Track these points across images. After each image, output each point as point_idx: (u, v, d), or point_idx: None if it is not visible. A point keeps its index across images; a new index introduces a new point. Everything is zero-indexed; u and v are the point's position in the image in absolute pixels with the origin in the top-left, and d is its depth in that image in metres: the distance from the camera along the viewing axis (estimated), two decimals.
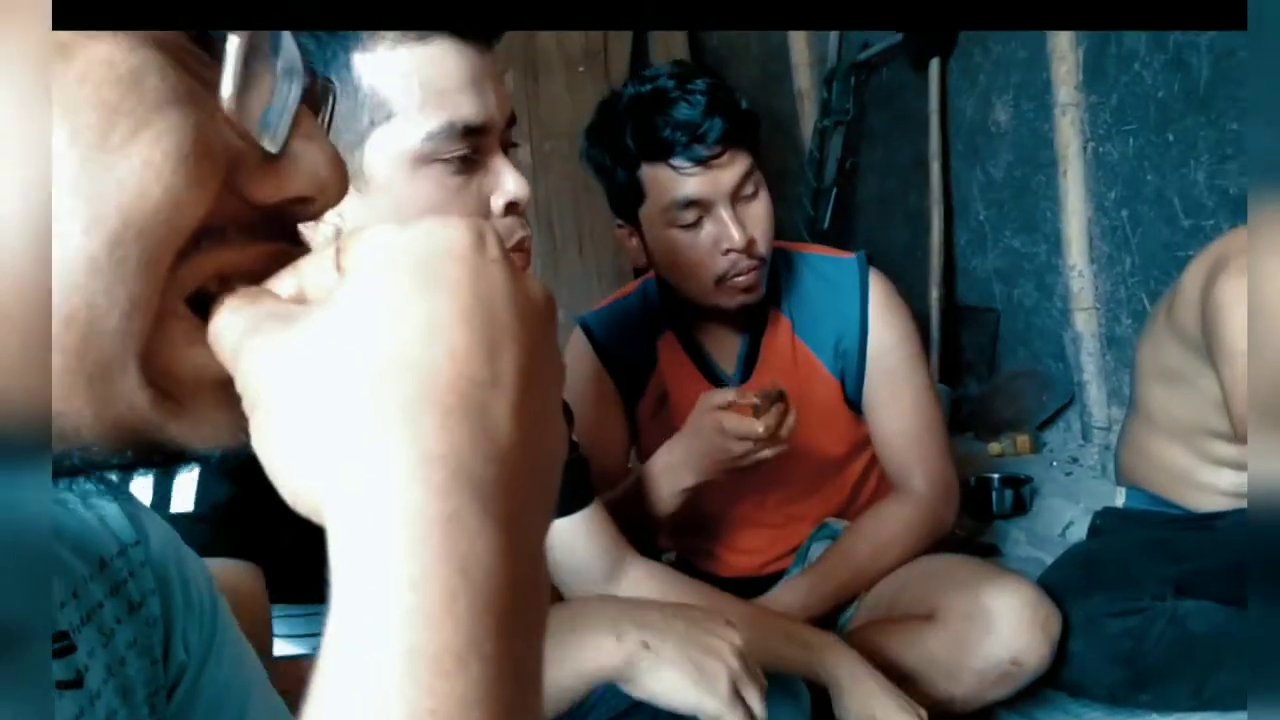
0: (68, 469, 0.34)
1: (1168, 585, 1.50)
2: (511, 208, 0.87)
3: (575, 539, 1.17)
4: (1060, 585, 1.45)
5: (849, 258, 1.59)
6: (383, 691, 0.26)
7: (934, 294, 3.15)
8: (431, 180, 0.84)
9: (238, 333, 0.32)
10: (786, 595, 1.48)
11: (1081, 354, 2.81)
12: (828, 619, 1.50)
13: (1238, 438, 1.37)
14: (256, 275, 0.35)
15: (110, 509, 0.49)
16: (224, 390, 0.34)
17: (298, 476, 0.30)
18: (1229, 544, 1.54)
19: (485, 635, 0.27)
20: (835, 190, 3.31)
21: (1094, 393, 2.79)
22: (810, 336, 1.56)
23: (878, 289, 1.55)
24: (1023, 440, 2.78)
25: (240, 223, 0.34)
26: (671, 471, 1.40)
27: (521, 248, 0.88)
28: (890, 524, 1.53)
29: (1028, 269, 3.05)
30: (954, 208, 3.23)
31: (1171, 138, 2.54)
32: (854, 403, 1.58)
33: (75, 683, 0.43)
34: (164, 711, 0.50)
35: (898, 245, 3.42)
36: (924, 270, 3.17)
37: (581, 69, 3.43)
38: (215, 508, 0.79)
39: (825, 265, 1.59)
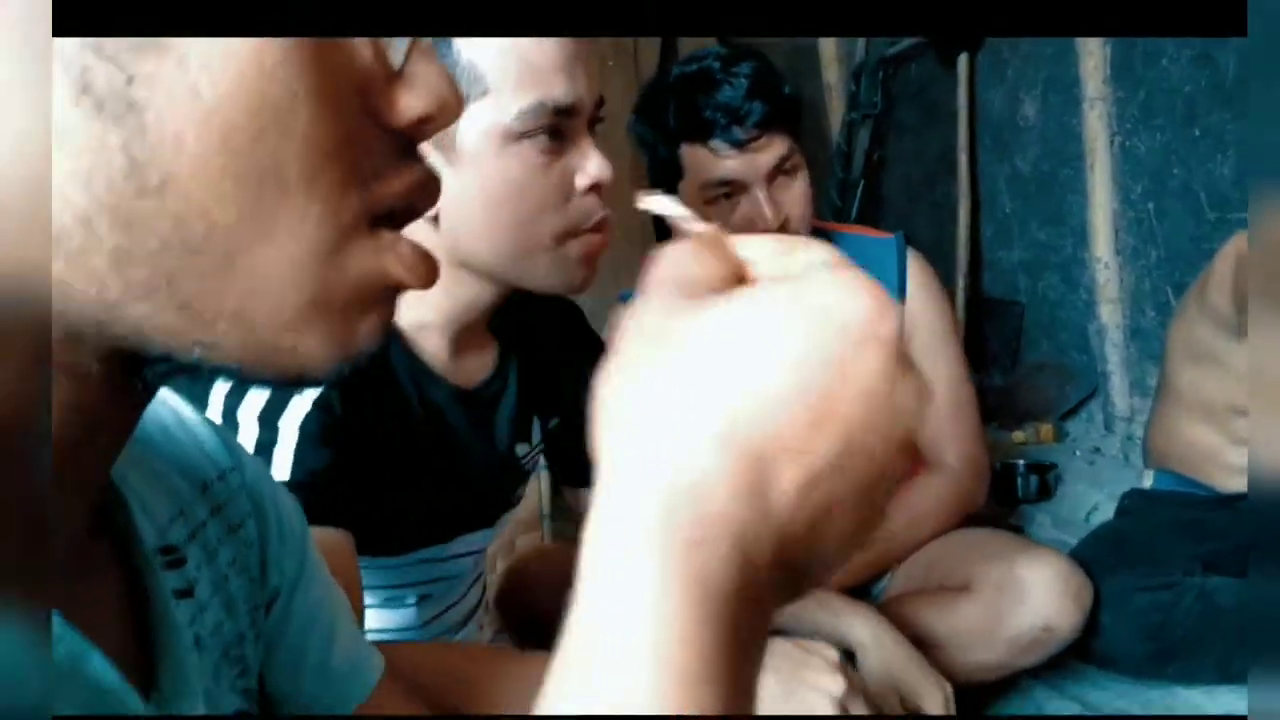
0: (188, 367, 0.35)
1: (1196, 562, 1.54)
2: (594, 189, 0.90)
3: None
4: (1090, 560, 1.50)
5: (888, 237, 1.63)
6: (628, 693, 0.27)
7: (960, 285, 3.19)
8: (518, 158, 0.86)
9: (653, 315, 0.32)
10: None
11: (1106, 345, 2.84)
12: (861, 590, 1.55)
13: None
14: (417, 199, 0.37)
15: (207, 434, 0.53)
16: (379, 306, 0.37)
17: (614, 429, 0.32)
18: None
19: (725, 658, 0.28)
20: (863, 183, 3.35)
21: (1117, 383, 2.82)
22: None
23: (915, 269, 1.60)
24: (1046, 429, 2.82)
25: (384, 150, 0.36)
26: None
27: (600, 228, 0.91)
28: (924, 498, 1.57)
29: (1053, 261, 3.08)
30: (980, 200, 3.26)
31: (1198, 132, 2.57)
32: None
33: (187, 592, 0.47)
34: (262, 625, 0.54)
35: (924, 237, 3.45)
36: (950, 262, 3.21)
37: (610, 63, 3.48)
38: (312, 474, 0.83)
39: (865, 244, 1.63)
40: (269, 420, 0.84)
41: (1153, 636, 1.48)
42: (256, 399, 0.84)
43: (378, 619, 0.99)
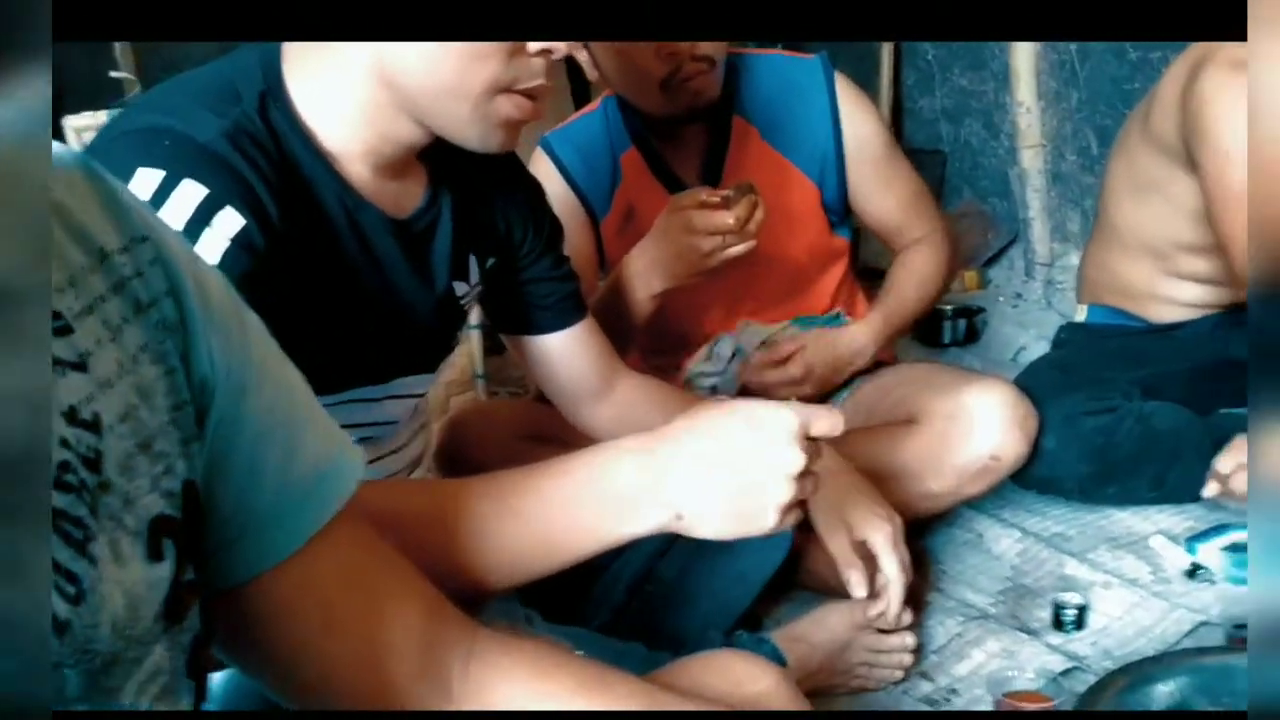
0: None
1: (1135, 387, 1.57)
2: (544, 54, 0.85)
3: (571, 352, 1.17)
4: (1035, 388, 1.50)
5: (811, 58, 1.57)
6: None
7: None
8: None
9: None
10: (855, 340, 1.55)
11: (1027, 191, 2.84)
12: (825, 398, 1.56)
13: (1215, 229, 1.40)
14: None
15: (113, 201, 0.46)
16: None
17: None
18: (1189, 350, 1.61)
19: None
20: None
21: (1038, 229, 2.84)
22: (780, 141, 1.55)
23: (844, 87, 1.57)
24: (970, 277, 2.84)
25: None
26: (641, 277, 1.39)
27: (535, 95, 0.87)
28: (923, 261, 1.62)
29: (975, 108, 3.05)
30: (901, 47, 3.20)
31: None
32: (830, 208, 1.59)
33: (78, 365, 0.42)
34: (192, 431, 0.48)
35: None
36: None
37: None
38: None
39: (788, 67, 1.58)
40: None
41: (1096, 458, 1.51)
42: None
43: None
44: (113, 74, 2.31)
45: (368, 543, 0.60)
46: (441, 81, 0.83)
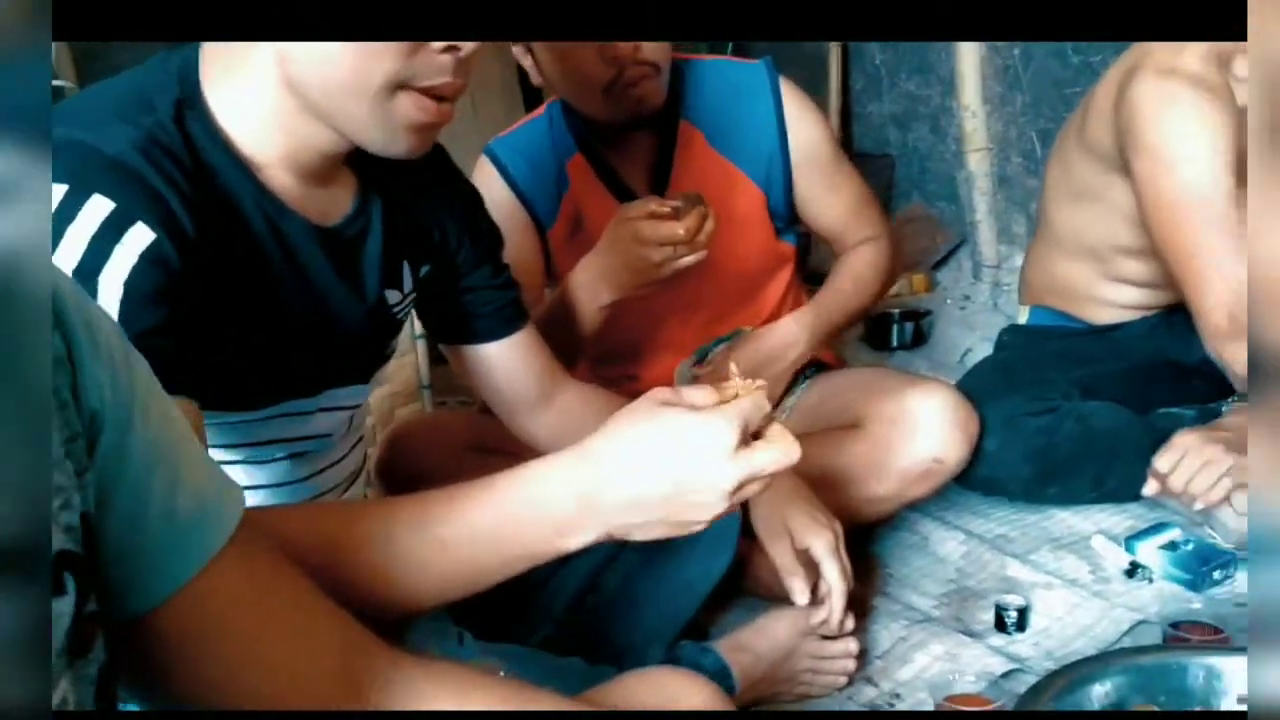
0: None
1: (1074, 387, 1.58)
2: (451, 51, 0.81)
3: (511, 361, 1.16)
4: (977, 390, 1.52)
5: (755, 63, 1.58)
6: None
7: None
8: None
9: None
10: (784, 333, 1.55)
11: (974, 194, 2.87)
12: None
13: (1150, 233, 1.42)
14: None
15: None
16: None
17: None
18: (1127, 351, 1.63)
19: None
20: None
21: (985, 232, 2.87)
22: (726, 146, 1.55)
23: (789, 91, 1.57)
24: (919, 279, 2.86)
25: None
26: (589, 288, 1.38)
27: (441, 95, 0.83)
28: (864, 262, 1.62)
29: (922, 112, 3.08)
30: (849, 51, 3.22)
31: None
32: (776, 213, 1.59)
33: None
34: (85, 462, 0.48)
35: None
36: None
37: None
38: (143, 336, 0.73)
39: (731, 71, 1.58)
40: (87, 274, 0.74)
41: (1037, 458, 1.52)
42: (70, 249, 0.73)
43: (246, 476, 0.92)
44: (54, 82, 2.26)
45: (270, 570, 0.59)
46: (338, 80, 0.81)
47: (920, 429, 1.38)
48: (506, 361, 1.16)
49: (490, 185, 1.60)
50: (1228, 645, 1.14)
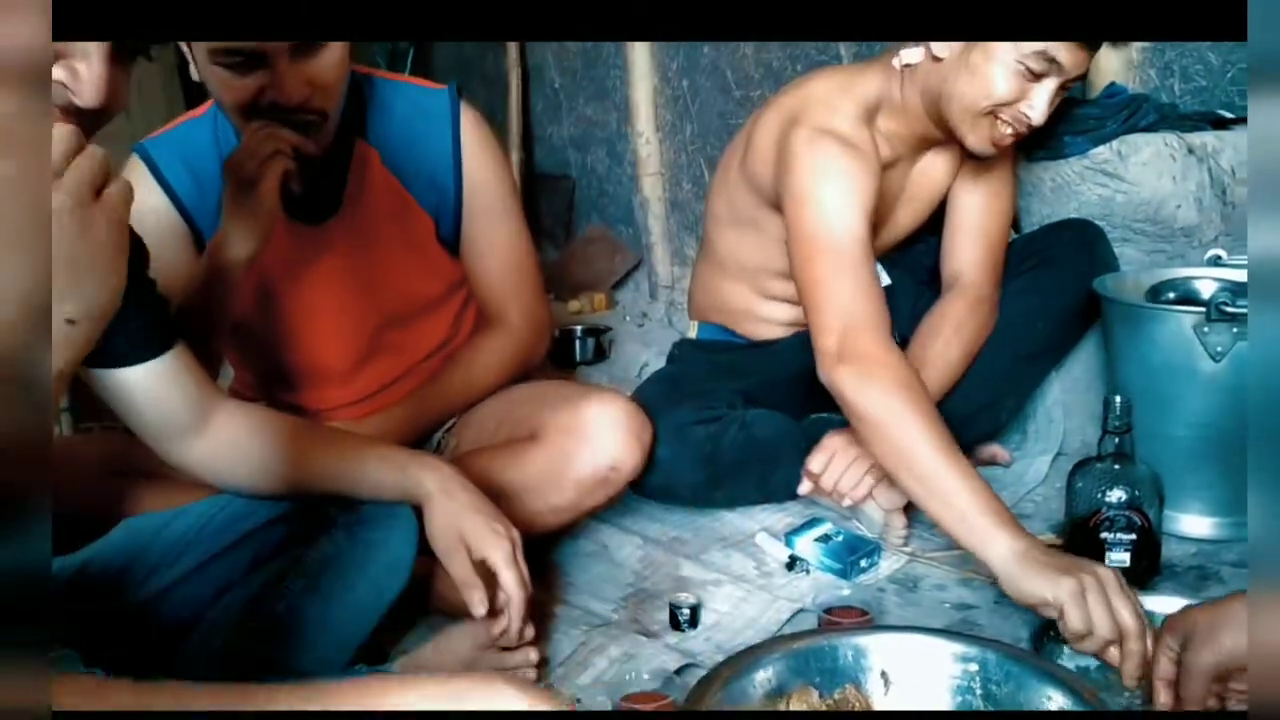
0: None
1: (738, 396, 1.69)
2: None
3: (160, 385, 1.07)
4: (650, 401, 1.57)
5: (440, 88, 1.55)
6: None
7: (514, 160, 3.20)
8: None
9: None
10: (378, 423, 1.47)
11: (649, 218, 3.00)
12: (417, 446, 1.52)
13: (791, 266, 1.54)
14: None
15: None
16: None
17: None
18: (783, 363, 1.76)
19: None
20: (412, 51, 3.22)
21: (660, 254, 3.01)
22: (400, 169, 1.50)
23: (470, 122, 1.52)
24: (599, 298, 2.94)
25: None
26: (226, 244, 1.34)
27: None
28: (484, 354, 1.56)
29: (600, 136, 3.18)
30: (529, 74, 3.28)
31: None
32: (448, 242, 1.56)
33: None
34: None
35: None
36: (504, 137, 3.20)
37: None
38: None
39: (416, 95, 1.54)
40: None
41: (706, 464, 1.60)
42: None
43: None
44: None
45: None
46: None
47: (596, 438, 1.40)
48: (154, 386, 1.06)
49: (141, 189, 1.44)
50: (871, 625, 1.25)
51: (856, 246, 1.46)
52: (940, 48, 1.46)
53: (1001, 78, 1.41)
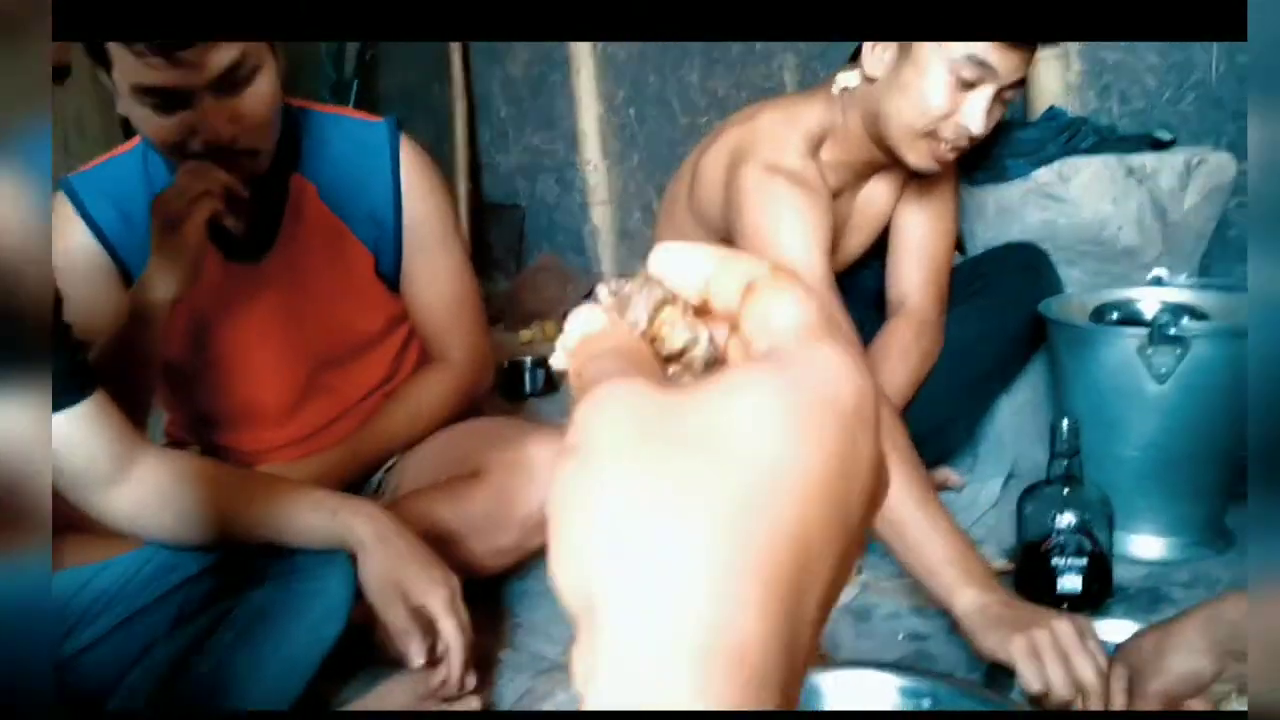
0: None
1: None
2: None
3: (75, 434, 1.03)
4: None
5: (378, 121, 1.52)
6: None
7: (462, 190, 3.18)
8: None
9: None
10: (316, 465, 1.43)
11: (599, 246, 2.99)
12: (357, 486, 1.49)
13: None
14: None
15: None
16: None
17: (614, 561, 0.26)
18: None
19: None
20: (356, 82, 3.19)
21: None
22: (338, 204, 1.47)
23: (410, 158, 1.50)
24: (550, 328, 2.91)
25: None
26: (152, 284, 1.29)
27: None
28: (425, 392, 1.52)
29: (548, 165, 3.17)
30: (476, 104, 3.26)
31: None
32: (388, 277, 1.53)
33: None
34: None
35: (423, 141, 3.38)
36: (450, 167, 3.17)
37: None
38: None
39: (354, 128, 1.50)
40: None
41: None
42: None
43: None
44: None
45: None
46: None
47: (539, 476, 1.37)
48: (70, 435, 1.02)
49: (66, 227, 1.42)
50: (826, 662, 1.22)
51: (820, 284, 1.44)
52: (873, 67, 1.45)
53: (934, 90, 1.40)
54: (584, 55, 2.86)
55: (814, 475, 0.26)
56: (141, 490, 1.08)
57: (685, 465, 0.25)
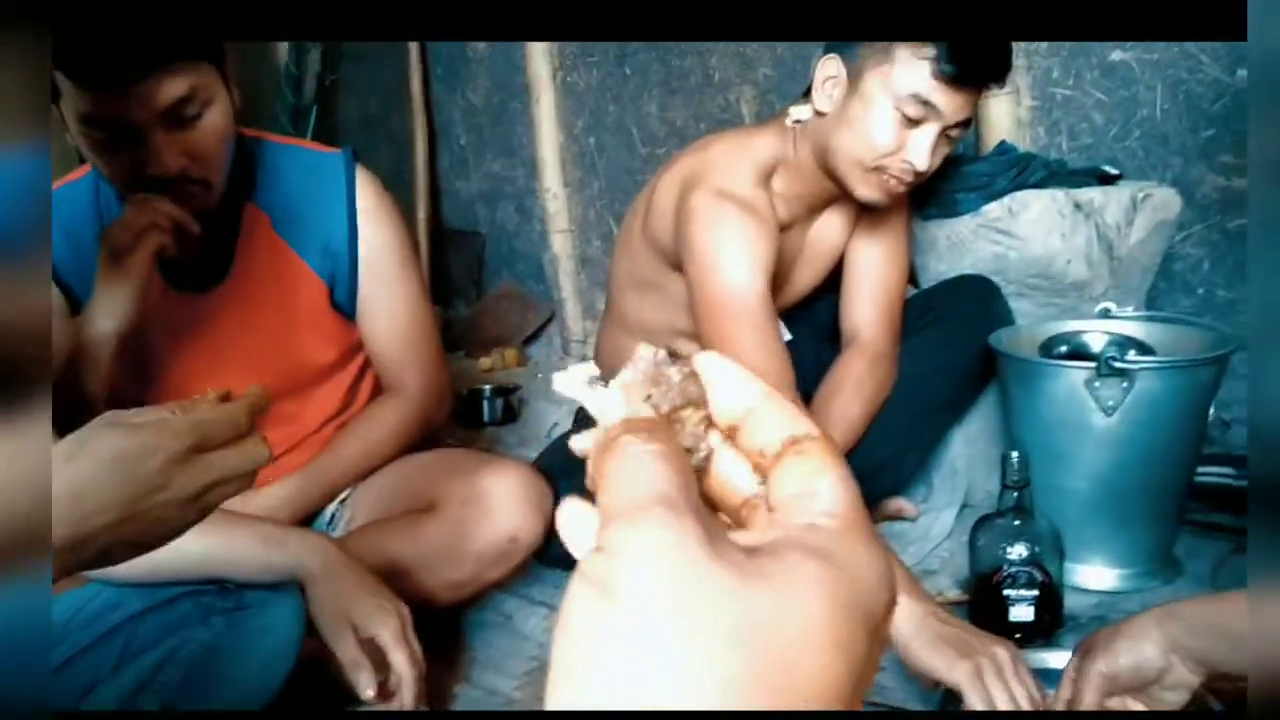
0: None
1: None
2: None
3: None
4: (551, 466, 1.54)
5: (334, 152, 1.51)
6: None
7: (421, 216, 3.17)
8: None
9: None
10: (269, 497, 1.42)
11: (560, 274, 2.99)
12: (311, 519, 1.48)
13: (696, 326, 1.54)
14: None
15: None
16: None
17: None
18: None
19: None
20: (316, 108, 3.17)
21: (571, 309, 2.99)
22: (292, 235, 1.46)
23: (366, 188, 1.49)
24: (511, 354, 2.91)
25: None
26: (95, 317, 1.28)
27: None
28: (381, 423, 1.51)
29: (508, 192, 3.17)
30: (436, 131, 3.26)
31: (629, 71, 2.76)
32: (343, 308, 1.52)
33: None
34: None
35: (382, 167, 3.37)
36: (409, 193, 3.17)
37: None
38: None
39: (309, 158, 1.50)
40: None
41: None
42: None
43: None
44: None
45: None
46: None
47: (495, 509, 1.36)
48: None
49: None
50: None
51: (759, 305, 1.46)
52: (822, 102, 1.48)
53: (879, 127, 1.43)
54: (544, 83, 2.87)
55: (834, 688, 0.27)
56: None
57: (724, 659, 0.25)
